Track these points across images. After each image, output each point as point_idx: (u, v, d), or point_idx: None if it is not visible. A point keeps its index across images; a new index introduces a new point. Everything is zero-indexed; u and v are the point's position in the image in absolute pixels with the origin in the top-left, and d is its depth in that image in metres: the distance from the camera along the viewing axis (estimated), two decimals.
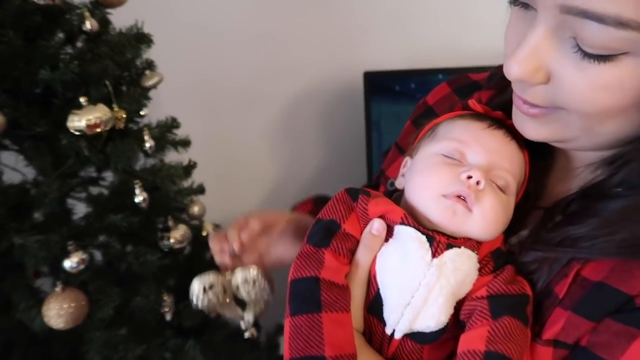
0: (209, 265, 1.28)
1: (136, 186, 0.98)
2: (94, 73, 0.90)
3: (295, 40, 1.49)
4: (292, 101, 1.57)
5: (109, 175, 1.16)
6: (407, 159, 0.60)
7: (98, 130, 0.87)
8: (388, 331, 0.51)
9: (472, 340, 0.47)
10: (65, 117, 0.93)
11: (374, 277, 0.51)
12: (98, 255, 1.10)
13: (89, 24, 0.93)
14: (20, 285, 0.96)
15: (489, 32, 1.22)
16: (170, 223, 1.08)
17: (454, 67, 1.39)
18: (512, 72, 0.44)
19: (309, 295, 0.49)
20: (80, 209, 1.11)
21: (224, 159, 1.66)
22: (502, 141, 0.54)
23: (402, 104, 1.44)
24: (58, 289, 0.91)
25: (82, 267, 0.92)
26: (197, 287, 0.67)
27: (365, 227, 0.53)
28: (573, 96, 0.43)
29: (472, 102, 0.57)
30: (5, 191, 0.95)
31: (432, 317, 0.48)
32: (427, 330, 0.49)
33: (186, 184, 1.24)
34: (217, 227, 1.35)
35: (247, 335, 0.71)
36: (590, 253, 0.46)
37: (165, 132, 1.11)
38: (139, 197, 0.98)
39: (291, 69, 1.52)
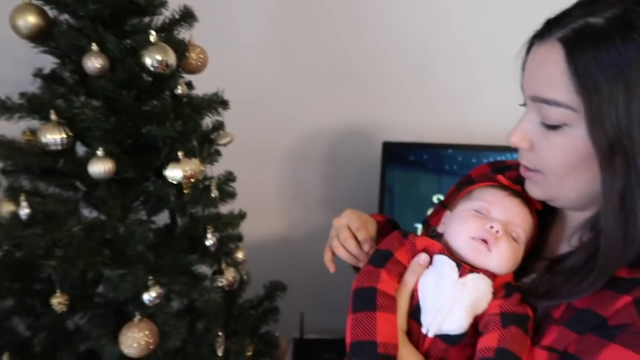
0: (247, 306, 1.40)
1: (208, 231, 1.10)
2: (188, 131, 1.05)
3: (325, 107, 1.70)
4: (321, 159, 1.78)
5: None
6: (447, 212, 0.80)
7: (192, 180, 1.01)
8: (423, 331, 0.67)
9: (487, 340, 0.65)
10: (149, 165, 1.07)
11: (416, 291, 0.69)
12: None
13: (180, 89, 1.09)
14: (95, 315, 1.05)
15: (492, 115, 1.47)
16: (224, 266, 1.20)
17: (461, 143, 1.62)
18: (510, 140, 0.68)
19: (368, 298, 0.67)
20: None
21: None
22: (518, 206, 0.73)
23: (414, 172, 1.64)
24: (136, 319, 1.01)
25: (157, 301, 1.03)
26: None
27: (412, 257, 0.72)
28: (543, 156, 0.65)
29: (500, 177, 0.81)
30: (92, 227, 1.05)
31: (455, 321, 0.66)
32: (452, 333, 0.66)
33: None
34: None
35: None
36: (570, 297, 0.65)
37: (223, 185, 1.25)
38: (210, 241, 1.10)
39: (321, 133, 1.74)
